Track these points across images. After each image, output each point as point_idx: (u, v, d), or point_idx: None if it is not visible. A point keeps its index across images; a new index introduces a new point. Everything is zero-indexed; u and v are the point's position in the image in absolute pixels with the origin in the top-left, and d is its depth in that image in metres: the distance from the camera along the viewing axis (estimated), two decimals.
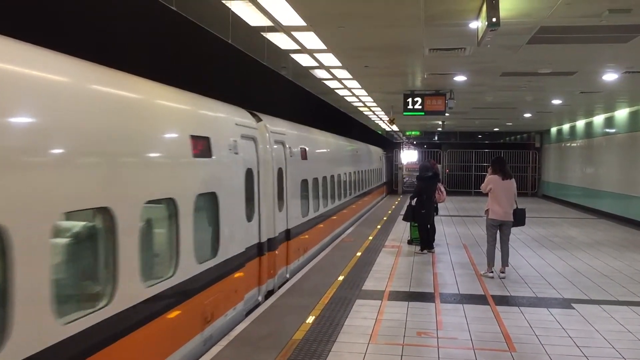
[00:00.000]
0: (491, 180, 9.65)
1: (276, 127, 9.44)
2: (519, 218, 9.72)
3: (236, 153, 7.00)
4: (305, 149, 11.28)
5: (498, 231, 9.69)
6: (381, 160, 29.75)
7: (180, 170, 5.61)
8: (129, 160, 4.69)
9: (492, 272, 9.67)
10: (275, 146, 8.96)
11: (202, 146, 6.00)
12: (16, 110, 3.55)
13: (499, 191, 9.54)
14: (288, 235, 9.52)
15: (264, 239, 8.13)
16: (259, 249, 7.97)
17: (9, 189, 3.35)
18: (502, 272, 9.59)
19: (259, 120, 8.51)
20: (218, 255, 6.33)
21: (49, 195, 3.66)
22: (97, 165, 4.23)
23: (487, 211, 9.76)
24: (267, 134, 8.63)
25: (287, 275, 9.44)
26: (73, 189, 3.91)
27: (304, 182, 11.05)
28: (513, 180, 9.75)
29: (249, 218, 7.57)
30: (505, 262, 9.67)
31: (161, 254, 5.41)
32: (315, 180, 12.19)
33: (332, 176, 14.23)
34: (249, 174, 7.60)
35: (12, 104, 3.51)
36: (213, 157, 6.25)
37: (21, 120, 3.61)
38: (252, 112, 8.52)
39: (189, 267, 5.55)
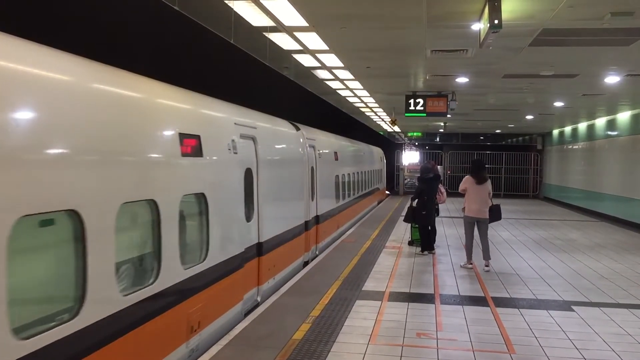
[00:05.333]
0: (466, 182, 10.54)
1: None
2: (495, 214, 10.55)
3: None
4: None
5: (476, 228, 10.43)
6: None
7: None
8: None
9: (471, 264, 10.39)
10: None
11: None
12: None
13: (473, 192, 10.42)
14: None
15: None
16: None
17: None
18: (486, 266, 10.26)
19: None
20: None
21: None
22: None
23: (463, 209, 10.66)
24: None
25: None
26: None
27: None
28: (488, 182, 10.51)
29: None
30: (486, 256, 10.33)
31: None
32: None
33: None
34: None
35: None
36: None
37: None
38: None
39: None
